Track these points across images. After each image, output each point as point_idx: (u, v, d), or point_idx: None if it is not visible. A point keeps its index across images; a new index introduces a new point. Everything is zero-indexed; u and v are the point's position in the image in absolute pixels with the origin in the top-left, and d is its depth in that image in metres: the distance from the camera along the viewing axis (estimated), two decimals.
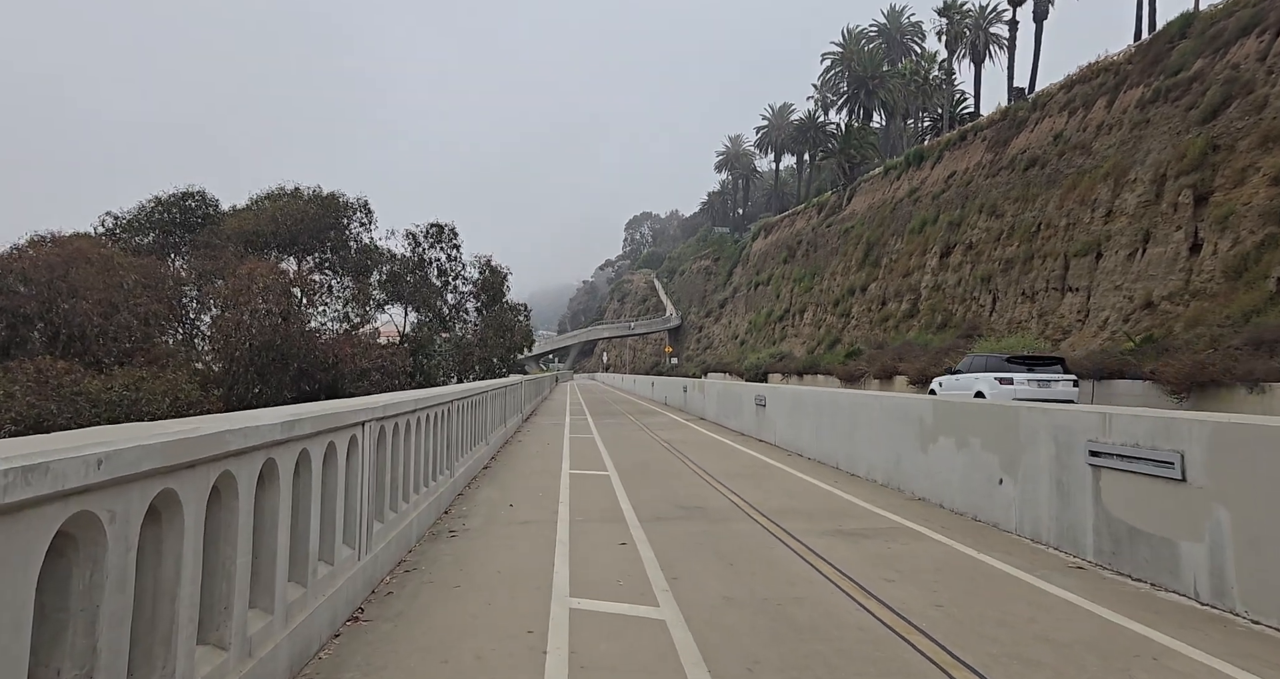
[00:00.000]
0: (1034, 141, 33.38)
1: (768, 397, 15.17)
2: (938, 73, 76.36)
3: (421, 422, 6.93)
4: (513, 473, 11.06)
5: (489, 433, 12.70)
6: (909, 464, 8.54)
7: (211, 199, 25.94)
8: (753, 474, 10.65)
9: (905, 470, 8.63)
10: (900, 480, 8.76)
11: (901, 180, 49.03)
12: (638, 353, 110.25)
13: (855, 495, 8.60)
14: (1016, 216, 32.05)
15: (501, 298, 29.47)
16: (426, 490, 7.17)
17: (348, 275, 27.16)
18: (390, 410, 5.48)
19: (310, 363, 18.03)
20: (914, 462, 8.41)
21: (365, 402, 5.10)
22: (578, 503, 8.50)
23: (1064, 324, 26.31)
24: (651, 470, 11.17)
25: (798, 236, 68.41)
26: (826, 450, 11.41)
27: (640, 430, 18.20)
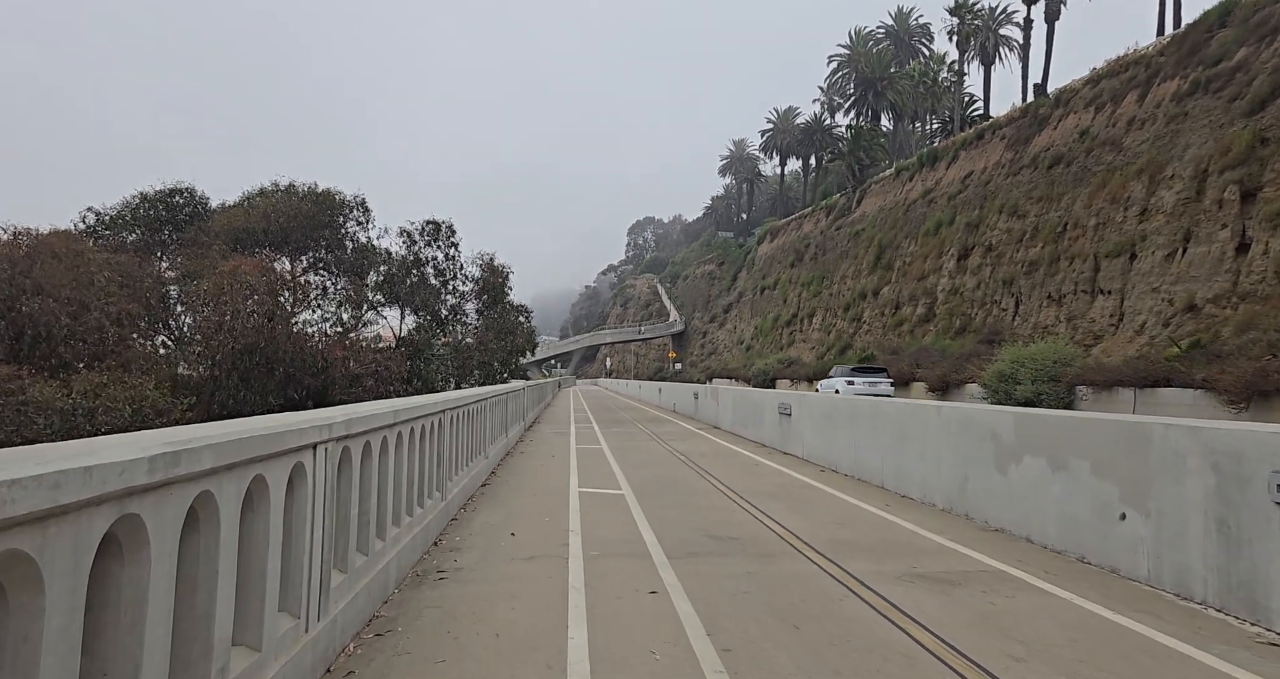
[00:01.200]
0: (1058, 139, 32.12)
1: (793, 405, 13.90)
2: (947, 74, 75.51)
3: (404, 437, 5.68)
4: (515, 491, 9.80)
5: (489, 445, 11.44)
6: (980, 487, 7.26)
7: (201, 196, 24.73)
8: (787, 494, 9.37)
9: (975, 494, 7.35)
10: (968, 506, 7.48)
11: (914, 181, 47.79)
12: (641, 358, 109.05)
13: (917, 524, 7.32)
14: (1040, 216, 30.77)
15: (504, 298, 28.22)
16: (411, 520, 5.91)
17: (343, 276, 25.96)
18: (356, 426, 4.22)
19: (298, 367, 16.80)
20: (987, 484, 7.13)
21: (319, 416, 3.84)
22: (591, 531, 7.23)
23: (1095, 328, 25.00)
24: (670, 488, 9.91)
25: (805, 240, 67.18)
26: (868, 466, 10.13)
27: (651, 440, 16.94)
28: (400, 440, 5.56)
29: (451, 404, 7.87)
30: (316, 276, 26.99)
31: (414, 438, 6.06)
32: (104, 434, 10.88)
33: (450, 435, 7.94)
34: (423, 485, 6.47)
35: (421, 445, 6.43)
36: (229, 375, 15.83)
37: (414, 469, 6.09)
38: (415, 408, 5.95)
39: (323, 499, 3.74)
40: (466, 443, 9.18)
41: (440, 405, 7.13)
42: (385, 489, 5.11)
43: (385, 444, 5.09)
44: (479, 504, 8.81)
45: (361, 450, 4.52)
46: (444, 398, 7.77)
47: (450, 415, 7.85)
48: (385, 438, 5.07)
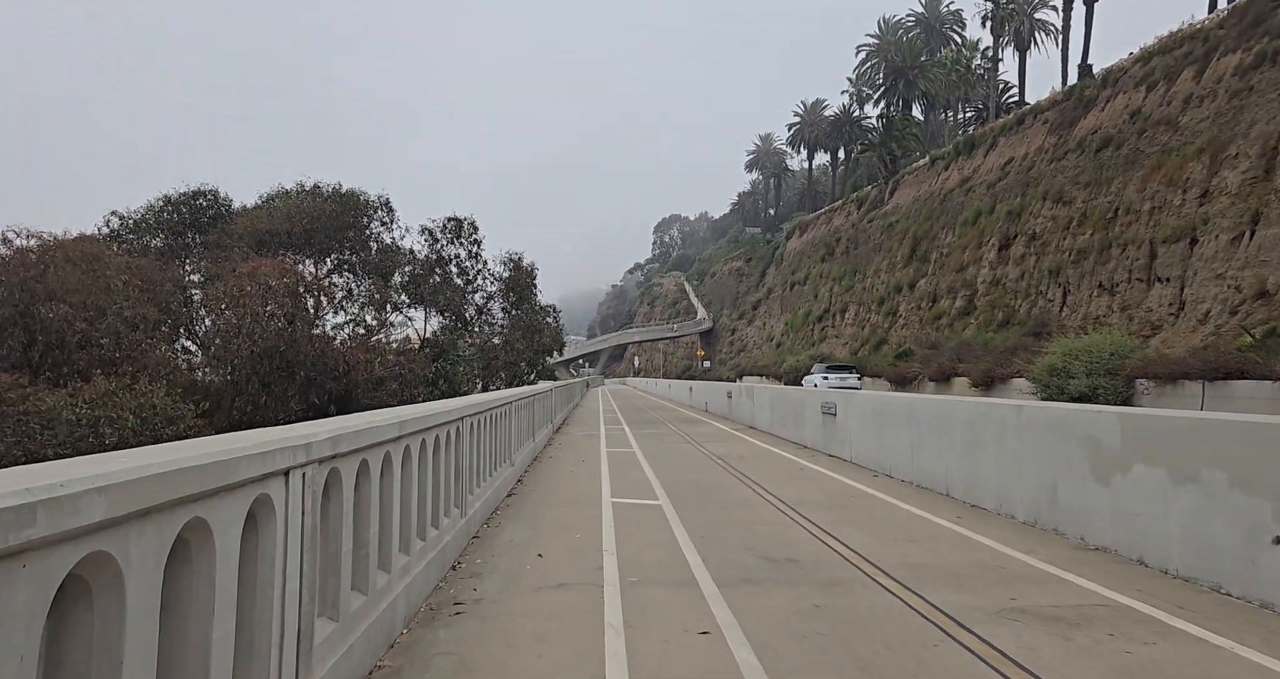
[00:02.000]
0: (1106, 121, 30.59)
1: (838, 404, 12.97)
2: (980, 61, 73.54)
3: (414, 452, 4.93)
4: (542, 502, 9.04)
5: (514, 452, 10.71)
6: (1073, 499, 6.32)
7: (224, 198, 24.42)
8: (841, 504, 8.48)
9: (1067, 507, 6.41)
10: (1058, 520, 6.54)
11: (950, 170, 46.28)
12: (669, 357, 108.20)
13: (1000, 541, 6.39)
14: (1088, 202, 29.31)
15: (531, 297, 27.54)
16: (424, 545, 5.16)
17: (368, 277, 25.50)
18: (346, 444, 3.46)
19: (319, 371, 16.26)
20: (1082, 496, 6.19)
21: (296, 434, 3.07)
22: (628, 550, 6.43)
23: (1153, 318, 23.61)
24: (711, 497, 9.07)
25: (836, 234, 65.77)
26: (930, 472, 9.20)
27: (685, 442, 16.11)
28: (409, 455, 4.81)
29: (471, 410, 7.12)
30: (341, 278, 26.61)
31: (426, 452, 5.31)
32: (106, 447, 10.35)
33: (471, 444, 7.19)
34: (438, 503, 5.72)
35: (436, 459, 5.67)
36: (248, 380, 15.35)
37: (427, 486, 5.34)
38: (427, 416, 5.19)
39: (300, 538, 2.98)
40: (489, 451, 8.43)
41: (458, 412, 6.38)
42: (390, 514, 4.36)
43: (389, 461, 4.33)
44: (504, 518, 8.07)
45: (357, 471, 3.76)
46: (463, 403, 7.03)
47: (470, 422, 7.11)
48: (389, 453, 4.31)
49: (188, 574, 2.30)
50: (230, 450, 2.44)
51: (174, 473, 2.08)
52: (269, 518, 2.75)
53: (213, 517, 2.35)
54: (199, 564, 2.33)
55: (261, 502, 2.68)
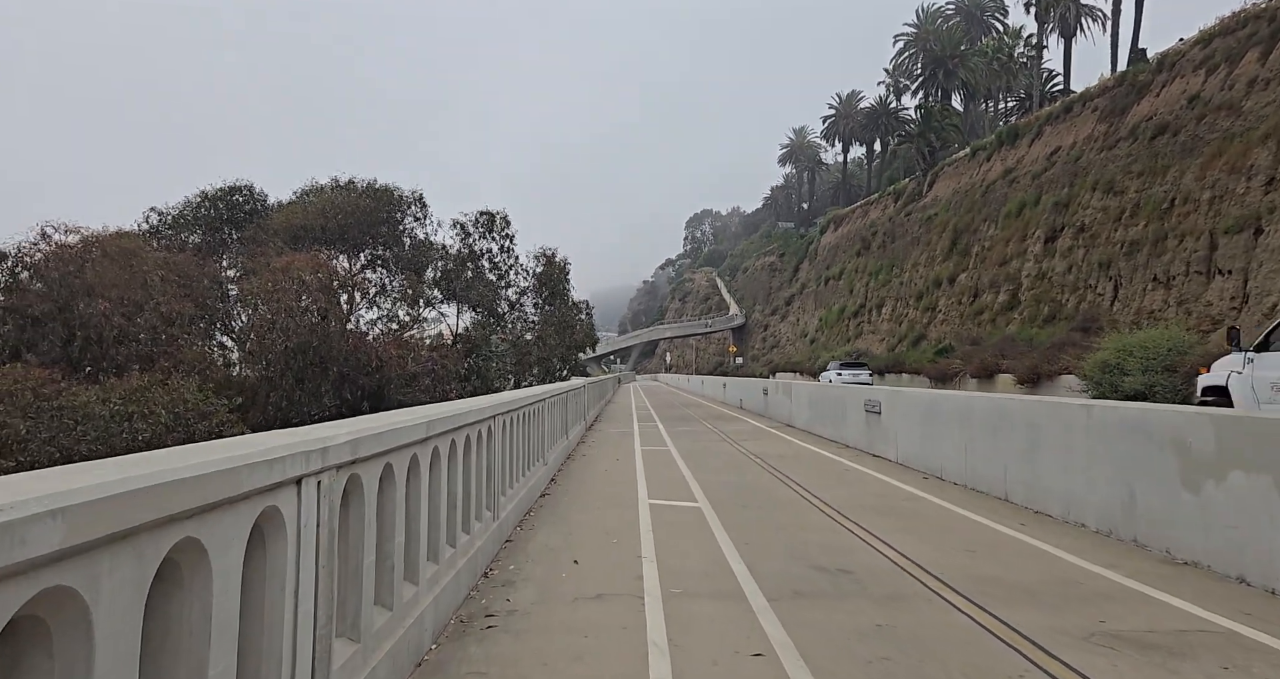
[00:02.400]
0: (1161, 106, 29.31)
1: (883, 402, 12.44)
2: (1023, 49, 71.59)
3: (443, 452, 4.62)
4: (577, 504, 8.72)
5: (547, 450, 10.42)
6: (1156, 507, 5.80)
7: (260, 194, 24.60)
8: (893, 508, 8.02)
9: (1149, 516, 5.88)
10: (1137, 530, 6.01)
11: (993, 161, 44.97)
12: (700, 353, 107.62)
13: (1075, 552, 5.89)
14: (1142, 192, 28.12)
15: (563, 293, 27.31)
16: (454, 552, 4.86)
17: (401, 272, 25.49)
18: (368, 448, 3.14)
19: (352, 367, 16.19)
20: (1167, 505, 5.66)
21: (311, 437, 2.76)
22: (668, 557, 6.07)
23: (1213, 312, 22.51)
24: (753, 499, 8.67)
25: (872, 227, 64.56)
26: (985, 475, 8.67)
27: (722, 441, 15.70)
28: (438, 457, 4.50)
29: (503, 408, 6.81)
30: (375, 274, 26.66)
31: (456, 452, 5.00)
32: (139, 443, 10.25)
33: (503, 444, 6.89)
34: (469, 507, 5.42)
35: (466, 460, 5.37)
36: (282, 376, 15.32)
37: (457, 489, 5.03)
38: (456, 415, 4.88)
39: (315, 552, 2.67)
40: (522, 450, 8.14)
41: (489, 410, 6.08)
42: (417, 521, 4.05)
43: (416, 464, 4.03)
44: (537, 520, 7.76)
45: (380, 475, 3.45)
46: (494, 401, 6.73)
47: (502, 421, 6.80)
48: (416, 456, 4.00)
49: (178, 602, 1.99)
50: (231, 458, 2.13)
51: (158, 488, 1.76)
52: (278, 532, 2.44)
53: (209, 535, 2.03)
54: (192, 589, 2.02)
55: (269, 515, 2.37)
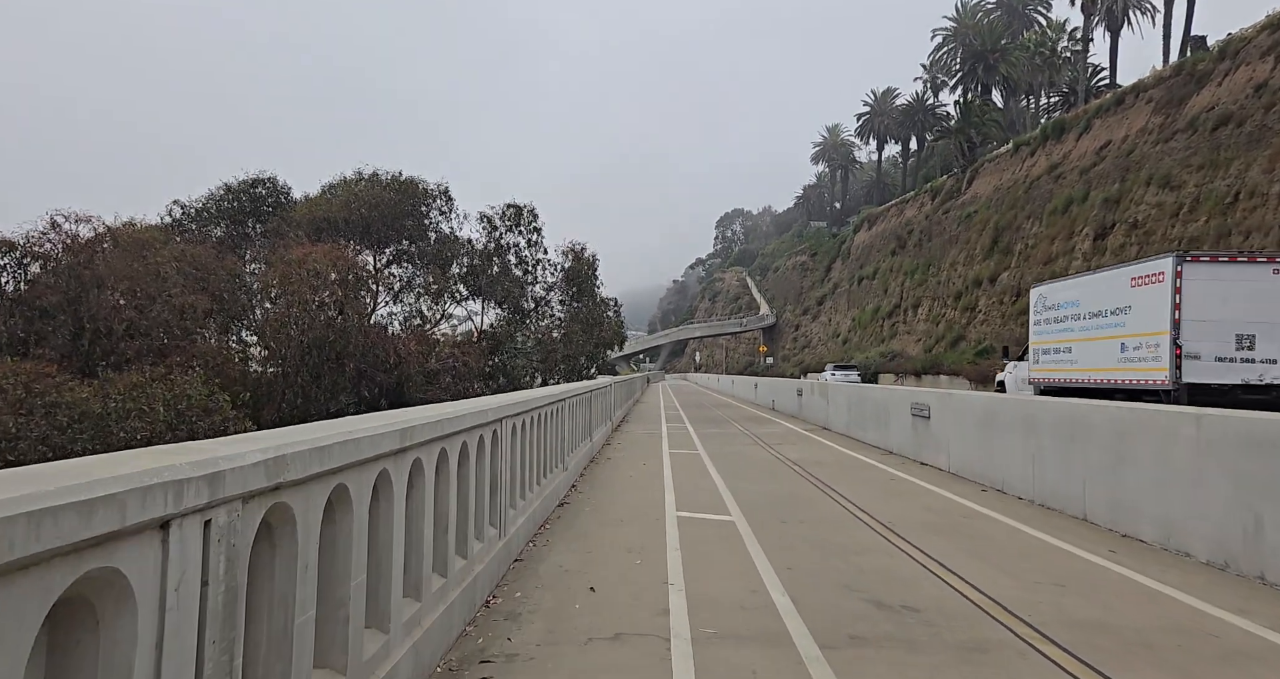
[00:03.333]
0: (1224, 96, 27.66)
1: (932, 405, 11.45)
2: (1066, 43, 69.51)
3: (428, 464, 3.84)
4: (598, 515, 7.91)
5: (568, 455, 9.64)
6: None
7: (283, 186, 24.21)
8: (954, 527, 7.07)
9: None
10: (1265, 564, 5.03)
11: (1037, 156, 43.27)
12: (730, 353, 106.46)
13: (1190, 591, 4.92)
14: (1202, 186, 26.54)
15: (591, 290, 26.55)
16: (445, 584, 4.07)
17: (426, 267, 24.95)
18: (295, 470, 2.33)
19: (370, 363, 15.59)
20: None
21: (203, 455, 1.97)
22: (698, 586, 5.23)
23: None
24: (793, 514, 7.78)
25: (908, 226, 62.92)
26: (1058, 490, 7.68)
27: (754, 444, 14.79)
28: (420, 471, 3.72)
29: (515, 409, 6.02)
30: (401, 269, 26.18)
31: (448, 464, 4.21)
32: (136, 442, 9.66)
33: (513, 450, 6.11)
34: (466, 528, 4.63)
35: (464, 471, 4.59)
36: (298, 372, 14.79)
37: (449, 508, 4.24)
38: (450, 419, 4.08)
39: (199, 623, 1.87)
40: (537, 457, 7.35)
41: (494, 413, 5.28)
42: (388, 553, 3.26)
43: (388, 482, 3.24)
44: (553, 535, 6.97)
45: (328, 501, 2.66)
46: (504, 401, 5.94)
47: (512, 424, 6.01)
48: (387, 471, 3.21)
49: None
50: (28, 497, 1.34)
51: None
52: (118, 605, 1.64)
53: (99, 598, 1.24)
54: None
55: (97, 582, 1.57)
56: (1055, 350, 18.49)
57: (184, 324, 14.43)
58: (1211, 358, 14.02)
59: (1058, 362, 18.42)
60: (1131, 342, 15.39)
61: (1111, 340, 16.05)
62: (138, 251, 14.39)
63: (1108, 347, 16.18)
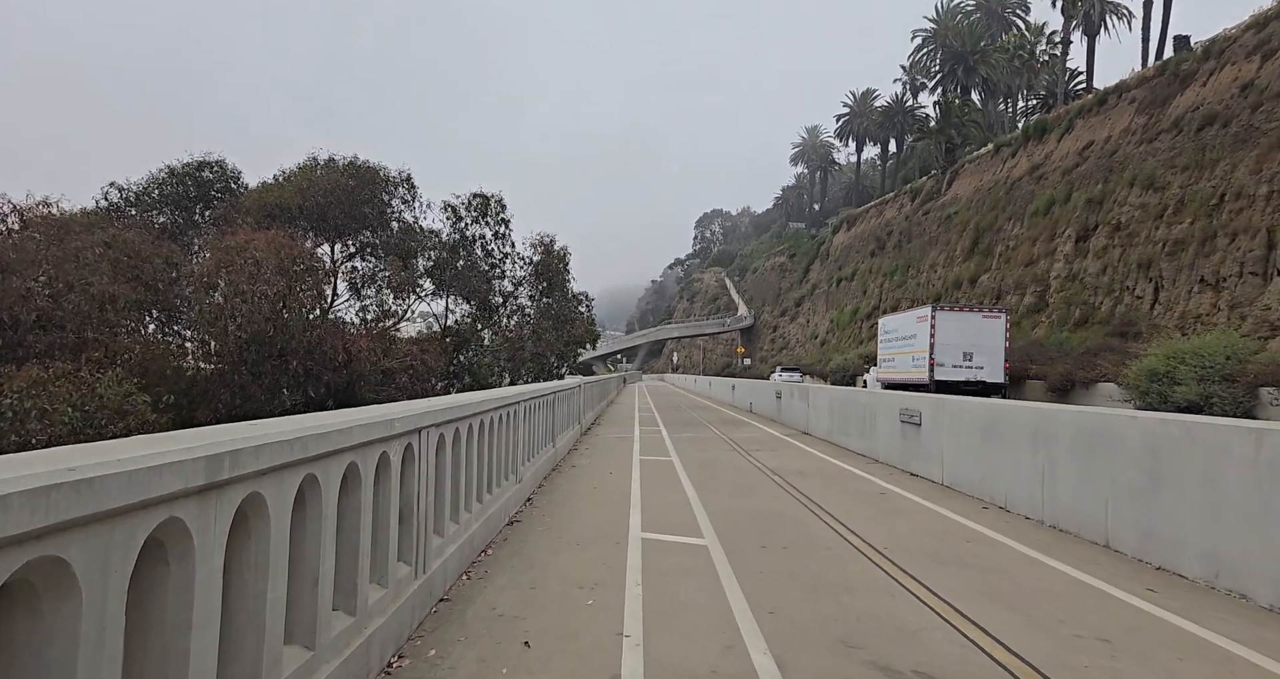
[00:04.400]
0: (1209, 96, 27.23)
1: (924, 412, 10.54)
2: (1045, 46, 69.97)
3: (271, 504, 2.76)
4: (550, 536, 6.85)
5: (522, 464, 8.56)
6: None
7: (233, 170, 22.76)
8: (960, 556, 6.11)
9: None
10: None
11: (1018, 157, 42.90)
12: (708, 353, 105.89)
13: (1269, 651, 3.99)
14: (1187, 188, 26.08)
15: (563, 285, 25.40)
16: (311, 658, 2.99)
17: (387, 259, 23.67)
18: None
19: (316, 361, 14.35)
20: None
21: None
22: (661, 641, 4.20)
23: (1271, 317, 20.49)
24: (775, 536, 6.79)
25: (887, 227, 62.57)
26: (1073, 511, 6.76)
27: (732, 451, 13.82)
28: (263, 512, 2.64)
29: (440, 416, 4.94)
30: (364, 262, 24.88)
31: (318, 496, 3.13)
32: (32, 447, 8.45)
33: (439, 467, 5.03)
34: (354, 577, 3.54)
35: (351, 501, 3.51)
36: (235, 369, 13.53)
37: (321, 554, 3.16)
38: (307, 438, 3.00)
39: None
40: (478, 471, 6.28)
41: (409, 422, 4.21)
42: (179, 638, 2.18)
43: (178, 537, 2.16)
44: (494, 563, 5.90)
45: (78, 575, 1.58)
46: (425, 408, 4.85)
47: (439, 434, 4.94)
48: (180, 523, 2.13)
49: None
50: None
51: None
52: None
53: None
54: None
55: None
56: (886, 360, 27.58)
57: (106, 316, 13.08)
58: (950, 366, 22.76)
59: (887, 367, 27.12)
60: (917, 356, 23.78)
61: (908, 354, 24.88)
62: (57, 235, 13.02)
63: (906, 358, 25.07)
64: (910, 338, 24.57)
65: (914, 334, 24.02)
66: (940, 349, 22.56)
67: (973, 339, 22.74)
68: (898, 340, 26.12)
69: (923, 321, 23.41)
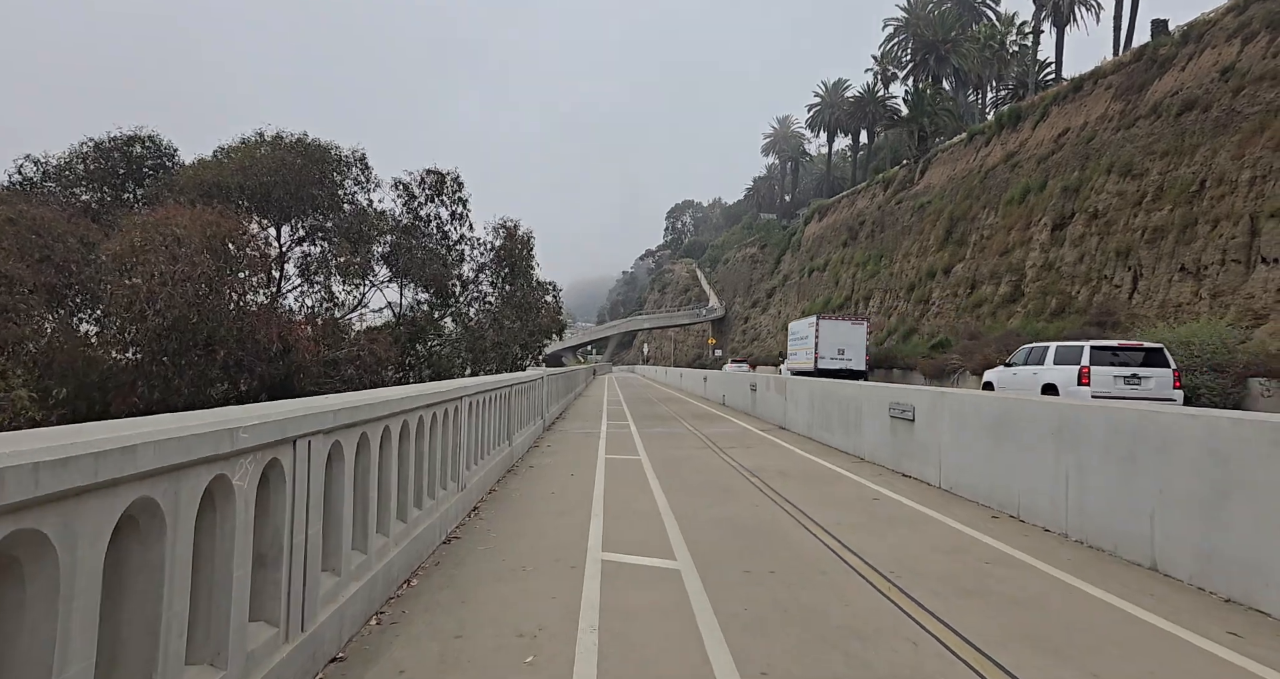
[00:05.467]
0: (1189, 81, 26.75)
1: (917, 406, 9.55)
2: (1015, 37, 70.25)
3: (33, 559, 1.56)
4: (491, 563, 5.69)
5: (467, 469, 7.37)
6: None
7: (167, 146, 21.03)
8: (981, 581, 5.08)
9: None
10: None
11: (992, 146, 42.42)
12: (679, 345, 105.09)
13: None
14: (1166, 174, 25.59)
15: (527, 271, 24.10)
16: None
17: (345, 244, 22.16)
18: None
19: (248, 351, 12.96)
20: None
21: None
22: None
23: (1256, 306, 20.00)
24: (760, 556, 5.72)
25: (859, 217, 62.02)
26: (1108, 525, 5.79)
27: (705, 448, 12.76)
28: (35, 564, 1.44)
29: (327, 421, 3.74)
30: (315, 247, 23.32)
31: (73, 559, 1.93)
32: None
33: (326, 486, 3.83)
34: (159, 658, 2.35)
35: (173, 551, 2.32)
36: (154, 360, 12.11)
37: (78, 647, 1.97)
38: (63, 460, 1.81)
39: None
40: (398, 489, 5.07)
41: (277, 429, 3.02)
42: None
43: None
44: (414, 599, 4.71)
45: None
46: (310, 408, 3.65)
47: (327, 445, 3.74)
48: None
49: None
50: None
51: None
52: None
53: None
54: None
55: None
56: (792, 354, 34.82)
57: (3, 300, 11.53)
58: (828, 358, 30.20)
59: (792, 359, 34.25)
60: (808, 351, 31.01)
61: (803, 350, 32.27)
62: None
63: (801, 353, 32.53)
64: (805, 338, 32.28)
65: (807, 335, 31.90)
66: (823, 346, 30.47)
67: (844, 339, 30.75)
68: (798, 340, 34.11)
69: (812, 327, 31.50)
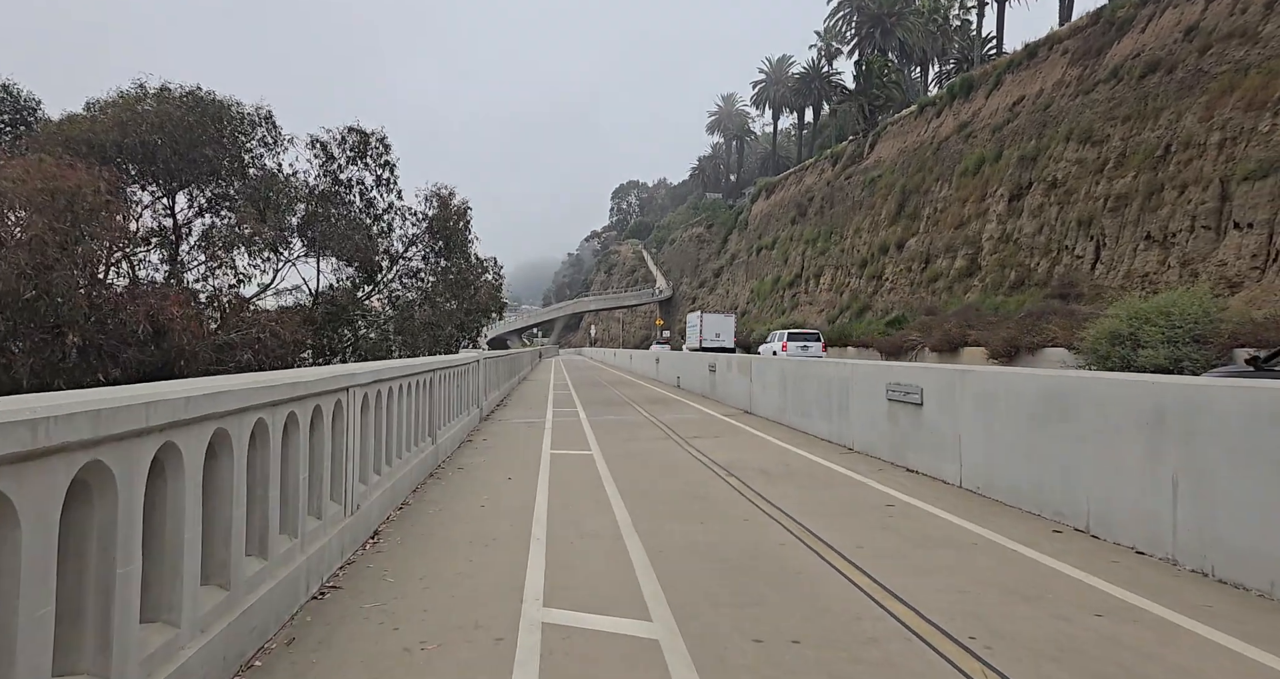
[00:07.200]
0: (1150, 42, 25.97)
1: (928, 388, 7.93)
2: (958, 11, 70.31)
3: None
4: (372, 642, 3.74)
5: (357, 490, 5.37)
6: None
7: (28, 99, 18.03)
8: (1105, 651, 3.42)
9: None
10: None
11: (944, 117, 41.58)
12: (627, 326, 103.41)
13: None
14: (1129, 140, 24.80)
15: (463, 246, 21.82)
16: None
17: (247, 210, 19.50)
18: None
19: (110, 334, 10.62)
20: None
21: None
22: None
23: (1229, 273, 19.25)
24: (772, 613, 3.94)
25: (808, 193, 61.03)
26: (1250, 550, 4.21)
27: (666, 438, 11.01)
28: None
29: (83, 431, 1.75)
30: (222, 218, 20.58)
31: None
32: None
33: (103, 536, 1.84)
34: None
35: None
36: None
37: None
38: None
39: None
40: (225, 532, 3.07)
41: None
42: None
43: None
44: (296, 645, 2.78)
45: None
46: None
47: (60, 477, 1.75)
48: None
49: None
50: None
51: None
52: None
53: None
54: None
55: None
56: (689, 338, 43.44)
57: None
58: (708, 339, 39.01)
59: (689, 343, 42.36)
60: (697, 335, 40.13)
61: (695, 336, 40.81)
62: None
63: (693, 338, 41.08)
64: (695, 326, 41.79)
65: (696, 324, 41.80)
66: (706, 332, 39.87)
67: (719, 327, 40.51)
68: (692, 328, 43.12)
69: (700, 318, 41.88)
